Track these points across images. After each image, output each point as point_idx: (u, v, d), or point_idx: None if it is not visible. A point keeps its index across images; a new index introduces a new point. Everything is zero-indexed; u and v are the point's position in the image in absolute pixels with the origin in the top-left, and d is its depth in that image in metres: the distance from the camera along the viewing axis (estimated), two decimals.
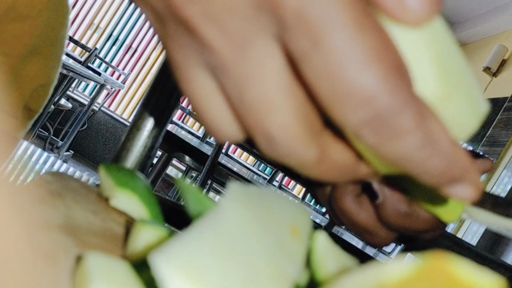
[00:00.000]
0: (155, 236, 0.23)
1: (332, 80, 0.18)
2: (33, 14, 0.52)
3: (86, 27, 4.79)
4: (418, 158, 0.19)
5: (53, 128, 3.73)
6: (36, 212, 0.23)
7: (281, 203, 0.21)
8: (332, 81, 0.18)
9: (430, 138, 0.18)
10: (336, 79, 0.18)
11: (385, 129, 0.18)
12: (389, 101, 0.18)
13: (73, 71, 3.06)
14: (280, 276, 0.18)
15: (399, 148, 0.18)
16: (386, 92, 0.18)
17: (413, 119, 0.18)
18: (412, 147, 0.18)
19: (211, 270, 0.16)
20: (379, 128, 0.18)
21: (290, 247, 0.20)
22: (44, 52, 0.55)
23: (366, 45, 0.17)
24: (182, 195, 0.23)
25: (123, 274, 0.19)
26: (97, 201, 0.28)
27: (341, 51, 0.17)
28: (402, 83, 0.18)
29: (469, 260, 0.16)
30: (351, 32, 0.17)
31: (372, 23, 0.18)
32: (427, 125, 0.18)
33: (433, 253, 0.16)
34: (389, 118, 0.18)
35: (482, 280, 0.15)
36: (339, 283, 0.18)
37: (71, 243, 0.22)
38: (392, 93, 0.18)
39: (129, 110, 4.80)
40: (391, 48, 0.18)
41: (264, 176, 3.20)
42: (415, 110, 0.18)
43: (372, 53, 0.18)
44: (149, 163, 0.48)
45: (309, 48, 0.18)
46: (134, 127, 0.47)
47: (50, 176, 0.28)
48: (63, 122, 4.08)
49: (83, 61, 3.66)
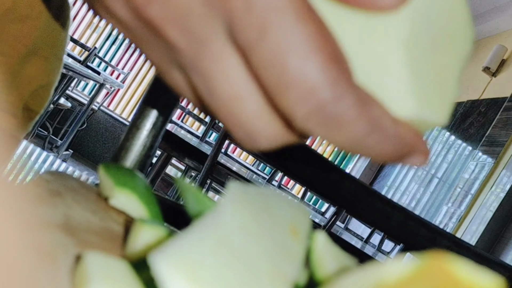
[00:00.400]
0: (154, 236, 0.23)
1: (277, 70, 0.18)
2: (34, 15, 0.52)
3: (85, 26, 4.79)
4: (367, 144, 0.19)
5: (52, 127, 3.73)
6: (35, 211, 0.23)
7: (280, 203, 0.21)
8: (277, 71, 0.18)
9: (374, 124, 0.19)
10: (280, 70, 0.18)
11: (329, 120, 0.18)
12: (329, 92, 0.18)
13: (72, 70, 3.06)
14: (279, 275, 0.18)
15: (347, 137, 0.19)
16: (325, 83, 0.18)
17: (354, 108, 0.18)
18: (358, 135, 0.19)
19: (210, 270, 0.16)
20: (324, 120, 0.18)
21: (290, 246, 0.20)
22: (44, 53, 0.55)
23: (306, 35, 0.18)
24: (182, 195, 0.23)
25: (122, 273, 0.19)
26: (97, 201, 0.28)
27: (284, 40, 0.18)
28: (341, 74, 0.18)
29: (468, 260, 0.16)
30: (293, 22, 0.18)
31: (312, 14, 0.18)
32: (369, 112, 0.19)
33: (432, 253, 0.16)
34: (331, 110, 0.18)
35: (481, 280, 0.16)
36: (339, 283, 0.18)
37: (70, 242, 0.22)
38: (332, 85, 0.18)
39: (129, 110, 4.80)
40: (329, 39, 0.18)
41: (263, 175, 3.20)
42: (355, 99, 0.18)
43: (311, 43, 0.18)
44: (149, 163, 0.48)
45: (255, 38, 0.18)
46: (133, 127, 0.47)
47: (50, 175, 0.28)
48: (62, 121, 4.08)
49: (82, 60, 3.66)
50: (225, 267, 0.17)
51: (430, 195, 3.77)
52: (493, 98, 3.59)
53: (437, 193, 3.71)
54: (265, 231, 0.19)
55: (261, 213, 0.20)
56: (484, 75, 3.71)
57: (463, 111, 3.88)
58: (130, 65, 4.82)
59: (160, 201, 0.29)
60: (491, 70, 3.67)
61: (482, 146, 3.44)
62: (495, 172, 3.15)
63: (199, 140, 2.69)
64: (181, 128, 2.97)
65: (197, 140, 2.66)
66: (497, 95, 3.57)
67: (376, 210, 0.59)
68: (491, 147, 3.34)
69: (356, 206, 0.59)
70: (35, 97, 0.56)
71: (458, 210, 3.33)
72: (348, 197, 0.58)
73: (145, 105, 0.48)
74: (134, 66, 4.83)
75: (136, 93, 4.82)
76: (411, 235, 0.58)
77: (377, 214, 0.59)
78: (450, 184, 3.62)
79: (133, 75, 4.81)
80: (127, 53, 4.84)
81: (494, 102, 3.55)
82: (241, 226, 0.18)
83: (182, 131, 2.72)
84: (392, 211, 0.58)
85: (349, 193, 0.58)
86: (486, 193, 3.12)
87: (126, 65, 4.82)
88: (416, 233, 0.58)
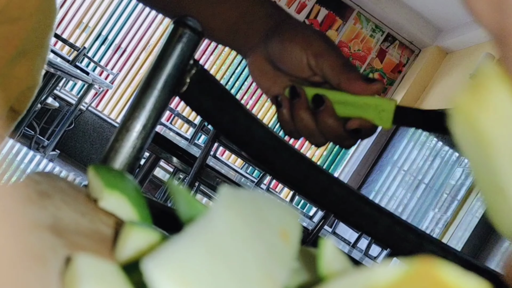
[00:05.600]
0: (144, 238, 0.22)
1: None
2: (24, 17, 0.52)
3: (75, 26, 4.75)
4: None
5: (39, 127, 3.69)
6: (24, 213, 0.23)
7: (271, 206, 0.22)
8: None
9: None
10: None
11: None
12: None
13: (60, 70, 3.03)
14: (270, 279, 0.18)
15: None
16: None
17: None
18: None
19: (202, 275, 0.16)
20: None
21: (280, 250, 0.20)
22: (31, 55, 0.55)
23: None
24: (173, 198, 0.23)
25: (112, 275, 0.18)
26: (86, 202, 0.28)
27: None
28: None
29: (454, 266, 0.17)
30: None
31: None
32: None
33: (420, 258, 0.16)
34: None
35: (469, 285, 0.16)
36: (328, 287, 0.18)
37: (59, 244, 0.21)
38: None
39: (117, 111, 4.77)
40: None
41: (252, 179, 3.19)
42: None
43: None
44: (137, 164, 0.48)
45: None
46: (123, 128, 0.47)
47: (38, 176, 0.28)
48: (49, 121, 4.04)
49: (71, 60, 3.63)
50: (216, 272, 0.17)
51: (417, 200, 3.79)
52: None
53: (424, 198, 3.74)
54: (255, 236, 0.19)
55: (252, 218, 0.20)
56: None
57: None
58: (120, 66, 4.80)
59: (149, 203, 0.29)
60: None
61: None
62: None
63: (188, 142, 2.68)
64: (170, 130, 2.95)
65: (185, 142, 2.65)
66: None
67: (363, 214, 0.59)
68: None
69: (344, 210, 0.59)
70: (20, 99, 0.56)
71: (444, 216, 3.36)
72: (336, 201, 0.58)
73: (135, 107, 0.48)
74: (123, 67, 4.80)
75: (125, 94, 4.79)
76: (398, 240, 0.58)
77: (365, 219, 0.59)
78: (437, 190, 3.65)
79: (122, 76, 4.79)
80: (117, 53, 4.81)
81: None
82: (232, 231, 0.18)
83: (171, 133, 2.71)
84: (380, 216, 0.59)
85: (337, 197, 0.58)
86: (472, 199, 3.15)
87: (115, 66, 4.79)
88: (403, 238, 0.58)
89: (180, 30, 0.47)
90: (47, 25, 0.56)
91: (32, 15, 0.53)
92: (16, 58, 0.53)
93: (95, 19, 4.78)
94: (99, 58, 4.77)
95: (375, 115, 0.46)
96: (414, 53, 4.60)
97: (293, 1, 4.46)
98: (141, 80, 0.49)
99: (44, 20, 0.55)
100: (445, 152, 3.83)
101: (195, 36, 0.48)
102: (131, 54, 4.83)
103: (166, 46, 0.48)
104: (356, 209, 0.58)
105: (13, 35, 0.52)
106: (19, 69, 0.54)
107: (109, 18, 4.80)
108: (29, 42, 0.54)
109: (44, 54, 0.57)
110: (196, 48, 0.48)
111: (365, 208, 0.58)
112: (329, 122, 0.48)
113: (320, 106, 0.48)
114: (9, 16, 0.51)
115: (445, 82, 4.21)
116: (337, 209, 0.58)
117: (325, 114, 0.48)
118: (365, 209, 0.58)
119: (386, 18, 4.45)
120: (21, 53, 0.53)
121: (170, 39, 0.48)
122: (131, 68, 4.82)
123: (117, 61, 4.81)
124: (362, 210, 0.58)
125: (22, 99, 0.56)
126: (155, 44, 4.82)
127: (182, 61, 0.48)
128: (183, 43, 0.47)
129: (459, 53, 4.27)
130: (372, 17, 4.52)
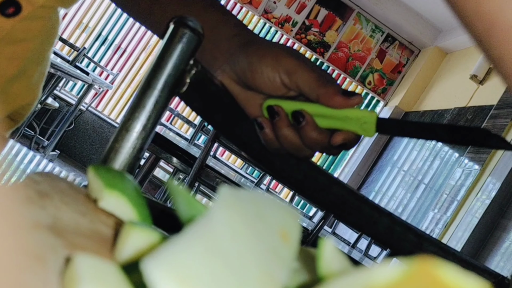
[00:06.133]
0: (144, 239, 0.22)
1: None
2: (28, 38, 0.53)
3: (75, 26, 4.75)
4: None
5: (39, 127, 3.69)
6: (24, 213, 0.23)
7: (271, 207, 0.22)
8: None
9: None
10: None
11: None
12: None
13: (60, 70, 3.03)
14: (270, 279, 0.18)
15: None
16: None
17: None
18: None
19: (202, 275, 0.16)
20: None
21: (280, 250, 0.20)
22: (31, 72, 0.56)
23: None
24: (173, 198, 0.23)
25: (112, 276, 0.18)
26: (86, 202, 0.28)
27: None
28: None
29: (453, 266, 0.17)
30: None
31: None
32: None
33: (420, 258, 0.16)
34: None
35: (469, 285, 0.16)
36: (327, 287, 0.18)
37: (59, 244, 0.21)
38: None
39: (117, 111, 4.77)
40: None
41: (251, 179, 3.19)
42: None
43: None
44: (137, 165, 0.48)
45: None
46: (123, 129, 0.47)
47: (38, 176, 0.28)
48: (49, 121, 4.04)
49: (71, 60, 3.63)
50: (216, 273, 0.17)
51: (416, 201, 3.79)
52: (480, 106, 3.63)
53: (424, 199, 3.74)
54: (256, 236, 0.19)
55: (252, 218, 0.20)
56: (471, 83, 3.76)
57: (450, 118, 3.92)
58: (119, 66, 4.80)
59: (149, 203, 0.29)
60: (478, 78, 3.72)
61: (469, 153, 3.47)
62: (481, 179, 3.18)
63: (187, 143, 2.68)
64: (170, 130, 2.95)
65: (185, 142, 2.65)
66: (484, 102, 3.61)
67: (363, 215, 0.59)
68: (477, 154, 3.38)
69: (343, 210, 0.59)
70: (19, 111, 0.57)
71: (444, 216, 3.36)
72: (336, 201, 0.58)
73: (135, 107, 0.48)
74: (123, 67, 4.80)
75: (124, 94, 4.79)
76: (398, 240, 0.58)
77: (365, 219, 0.59)
78: (437, 190, 3.64)
79: (122, 76, 4.79)
80: (117, 54, 4.81)
81: (481, 110, 3.60)
82: (232, 232, 0.18)
83: (171, 133, 2.71)
84: (380, 216, 0.59)
85: (337, 197, 0.58)
86: (472, 200, 3.15)
87: (115, 66, 4.79)
88: (403, 239, 0.58)
89: (180, 30, 0.47)
90: (49, 43, 0.57)
91: (36, 37, 0.53)
92: (16, 77, 0.54)
93: (95, 19, 4.78)
94: (99, 59, 4.77)
95: (358, 126, 0.47)
96: (413, 54, 4.60)
97: (293, 1, 4.46)
98: (141, 80, 0.49)
99: (47, 39, 0.56)
100: (444, 152, 3.83)
101: (195, 36, 0.48)
102: (131, 54, 4.83)
103: (166, 47, 0.48)
104: (355, 209, 0.58)
105: (16, 55, 0.52)
106: (17, 86, 0.54)
107: (109, 19, 4.80)
108: (31, 61, 0.55)
109: (44, 69, 0.58)
110: (196, 49, 0.48)
111: (364, 208, 0.58)
112: (313, 135, 0.48)
113: (301, 122, 0.47)
114: (13, 38, 0.51)
115: (445, 82, 4.22)
116: (337, 209, 0.58)
117: (308, 128, 0.48)
118: (364, 209, 0.58)
119: (386, 18, 4.45)
120: (22, 72, 0.54)
121: (170, 40, 0.48)
122: (131, 68, 4.82)
123: (117, 62, 4.81)
124: (362, 210, 0.58)
125: (21, 111, 0.57)
126: (155, 44, 4.82)
127: (182, 61, 0.48)
128: (183, 43, 0.47)
129: (459, 53, 4.27)
130: (372, 18, 4.52)
